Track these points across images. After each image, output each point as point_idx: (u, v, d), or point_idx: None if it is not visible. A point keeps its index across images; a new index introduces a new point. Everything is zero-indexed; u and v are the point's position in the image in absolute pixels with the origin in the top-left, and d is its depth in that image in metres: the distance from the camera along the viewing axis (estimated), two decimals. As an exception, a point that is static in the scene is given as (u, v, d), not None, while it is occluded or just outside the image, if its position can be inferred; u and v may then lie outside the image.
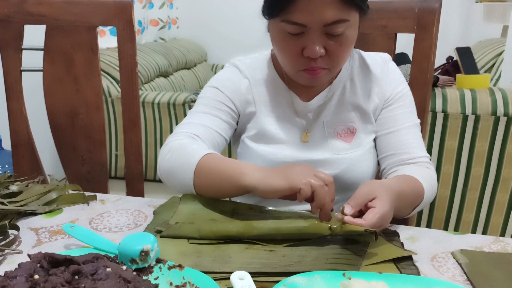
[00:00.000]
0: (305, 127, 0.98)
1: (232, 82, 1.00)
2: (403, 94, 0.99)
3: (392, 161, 0.96)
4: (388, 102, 0.98)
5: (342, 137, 0.98)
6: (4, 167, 2.26)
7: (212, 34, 3.95)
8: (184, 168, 0.84)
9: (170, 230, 0.77)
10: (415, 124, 0.98)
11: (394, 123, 0.97)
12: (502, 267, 0.68)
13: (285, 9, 0.83)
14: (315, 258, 0.69)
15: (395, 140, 0.96)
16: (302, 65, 0.88)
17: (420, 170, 0.92)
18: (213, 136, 0.95)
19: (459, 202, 1.83)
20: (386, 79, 0.99)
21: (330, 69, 0.90)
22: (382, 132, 0.98)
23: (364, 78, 0.99)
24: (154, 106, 2.72)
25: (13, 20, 1.21)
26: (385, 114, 0.99)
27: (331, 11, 0.81)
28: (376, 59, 1.00)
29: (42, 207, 0.86)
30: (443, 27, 1.31)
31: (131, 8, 1.18)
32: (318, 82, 0.92)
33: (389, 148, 0.97)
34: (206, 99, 0.99)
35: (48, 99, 1.26)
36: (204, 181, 0.83)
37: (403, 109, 0.98)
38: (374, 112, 0.99)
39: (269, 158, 0.97)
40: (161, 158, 0.91)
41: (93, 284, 0.54)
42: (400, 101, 0.98)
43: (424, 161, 0.95)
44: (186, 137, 0.92)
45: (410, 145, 0.95)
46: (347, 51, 0.89)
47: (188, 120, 0.97)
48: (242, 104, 1.00)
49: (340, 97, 0.98)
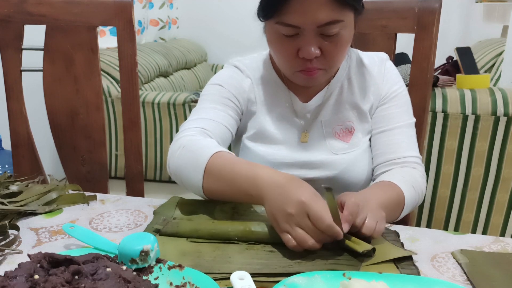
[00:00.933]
0: (304, 128, 0.99)
1: (235, 80, 1.00)
2: (399, 93, 0.99)
3: (380, 160, 0.96)
4: (383, 100, 0.99)
5: (340, 137, 0.98)
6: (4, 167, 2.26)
7: (212, 34, 3.95)
8: (194, 167, 0.80)
9: (168, 227, 0.77)
10: (408, 124, 0.97)
11: (387, 122, 0.97)
12: (502, 267, 0.68)
13: (279, 11, 0.83)
14: (315, 258, 0.69)
15: (386, 139, 0.96)
16: (298, 66, 0.88)
17: (401, 173, 0.91)
18: (222, 131, 0.93)
19: (459, 202, 1.83)
20: (382, 78, 0.99)
21: (327, 70, 0.90)
22: (376, 131, 0.99)
23: (361, 77, 0.99)
24: (154, 106, 2.72)
25: (13, 20, 1.21)
26: (379, 113, 0.99)
27: (325, 12, 0.81)
28: (374, 59, 1.00)
29: (42, 207, 0.86)
30: (443, 27, 1.31)
31: (131, 8, 1.18)
32: (315, 82, 0.92)
33: (379, 147, 0.97)
34: (210, 95, 0.98)
35: (48, 99, 1.26)
36: (213, 185, 0.80)
37: (397, 108, 0.98)
38: (370, 111, 0.99)
39: (267, 159, 0.97)
40: (171, 155, 0.87)
41: (93, 284, 0.54)
42: (395, 100, 0.98)
43: (412, 161, 0.94)
44: (197, 132, 0.88)
45: (399, 145, 0.95)
46: (343, 51, 0.89)
47: (196, 116, 0.94)
48: (245, 102, 1.00)
49: (338, 97, 0.99)
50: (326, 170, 0.95)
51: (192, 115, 0.95)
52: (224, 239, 0.75)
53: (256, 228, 0.75)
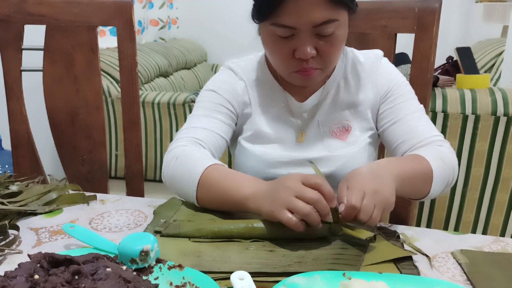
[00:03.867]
0: (300, 127, 0.99)
1: (229, 84, 1.00)
2: (400, 85, 0.98)
3: (403, 148, 0.94)
4: (386, 95, 0.98)
5: (337, 136, 0.98)
6: (4, 167, 2.26)
7: (212, 34, 3.95)
8: (188, 180, 0.84)
9: (169, 229, 0.77)
10: (417, 109, 0.97)
11: (397, 113, 0.96)
12: (502, 267, 0.69)
13: (273, 12, 0.83)
14: (315, 258, 0.69)
15: (402, 128, 0.95)
16: (295, 66, 0.88)
17: (428, 150, 0.90)
18: (215, 139, 0.95)
19: (459, 202, 1.83)
20: (379, 74, 0.99)
21: (323, 69, 0.90)
22: (387, 124, 0.97)
23: (357, 75, 0.99)
24: (154, 106, 2.72)
25: (13, 20, 1.21)
26: (386, 107, 0.98)
27: (320, 12, 0.81)
28: (369, 56, 1.00)
29: (42, 207, 0.86)
30: (443, 27, 1.31)
31: (131, 8, 1.18)
32: (312, 82, 0.92)
33: (398, 137, 0.95)
34: (204, 102, 0.99)
35: (48, 99, 1.26)
36: (206, 196, 0.84)
37: (402, 99, 0.97)
38: (371, 109, 0.99)
39: (264, 158, 0.97)
40: (165, 165, 0.90)
41: (93, 284, 0.54)
42: (398, 91, 0.98)
43: (436, 140, 0.93)
44: (189, 143, 0.91)
45: (416, 129, 0.94)
46: (338, 51, 0.89)
47: (189, 125, 0.96)
48: (239, 105, 1.00)
49: (334, 96, 0.99)
50: (323, 167, 0.95)
51: (186, 123, 0.98)
52: (227, 238, 0.75)
53: (258, 224, 0.75)
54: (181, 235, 0.76)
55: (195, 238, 0.75)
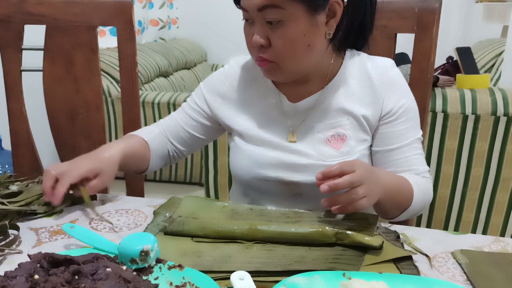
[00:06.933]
0: (291, 127, 0.96)
1: (215, 84, 1.04)
2: (407, 108, 0.95)
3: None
4: (391, 116, 0.94)
5: (331, 143, 0.94)
6: (4, 167, 2.26)
7: (212, 34, 3.95)
8: None
9: (174, 225, 0.77)
10: (417, 139, 0.95)
11: (397, 139, 0.94)
12: (502, 267, 0.69)
13: None
14: (315, 258, 0.69)
15: (398, 157, 0.94)
16: (253, 54, 0.91)
17: (417, 178, 0.92)
18: (177, 130, 1.05)
19: (459, 202, 1.83)
20: (386, 90, 0.94)
21: (279, 64, 0.88)
22: (384, 148, 0.95)
23: (362, 84, 0.95)
24: (154, 106, 2.72)
25: (13, 20, 1.21)
26: (387, 129, 0.95)
27: None
28: (378, 65, 0.96)
29: (42, 207, 0.86)
30: (443, 27, 1.31)
31: (131, 8, 1.18)
32: (272, 76, 0.93)
33: (391, 164, 0.95)
34: (190, 97, 1.08)
35: (48, 99, 1.26)
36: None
37: (406, 124, 0.94)
38: (370, 121, 0.94)
39: (254, 158, 0.96)
40: None
41: (93, 284, 0.54)
42: (403, 115, 0.94)
43: (423, 172, 0.95)
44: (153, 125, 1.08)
45: (411, 162, 0.94)
46: (293, 47, 0.86)
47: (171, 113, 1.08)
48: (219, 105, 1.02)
49: (333, 102, 0.95)
50: (313, 175, 0.88)
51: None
52: (229, 238, 0.75)
53: (262, 226, 0.75)
54: (185, 232, 0.76)
55: (197, 238, 0.75)
